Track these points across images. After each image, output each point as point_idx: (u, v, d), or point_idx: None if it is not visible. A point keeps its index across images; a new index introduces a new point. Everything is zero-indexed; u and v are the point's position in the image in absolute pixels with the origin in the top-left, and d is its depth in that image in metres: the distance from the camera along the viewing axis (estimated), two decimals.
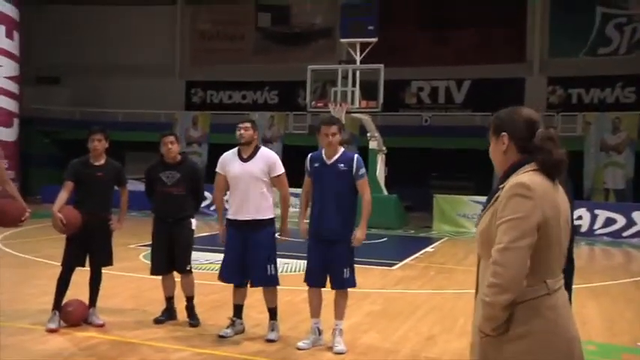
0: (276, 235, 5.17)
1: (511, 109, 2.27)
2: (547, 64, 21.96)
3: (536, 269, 2.04)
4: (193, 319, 5.46)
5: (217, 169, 5.28)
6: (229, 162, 5.19)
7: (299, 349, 4.84)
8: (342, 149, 4.96)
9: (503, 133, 2.21)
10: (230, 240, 5.13)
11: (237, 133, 5.15)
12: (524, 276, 2.01)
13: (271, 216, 5.13)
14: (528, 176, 2.09)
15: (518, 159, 2.18)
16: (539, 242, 2.03)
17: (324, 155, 4.95)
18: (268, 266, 5.04)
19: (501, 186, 2.14)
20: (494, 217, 2.10)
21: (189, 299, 5.54)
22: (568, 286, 2.24)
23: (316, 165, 4.95)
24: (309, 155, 5.09)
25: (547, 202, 2.06)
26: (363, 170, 4.90)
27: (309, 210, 5.04)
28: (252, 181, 5.04)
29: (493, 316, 2.03)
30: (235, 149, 5.25)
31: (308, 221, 5.01)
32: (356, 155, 4.95)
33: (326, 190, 4.85)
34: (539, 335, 2.03)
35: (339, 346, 4.81)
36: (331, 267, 4.87)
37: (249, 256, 5.03)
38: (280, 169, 5.15)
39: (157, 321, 5.44)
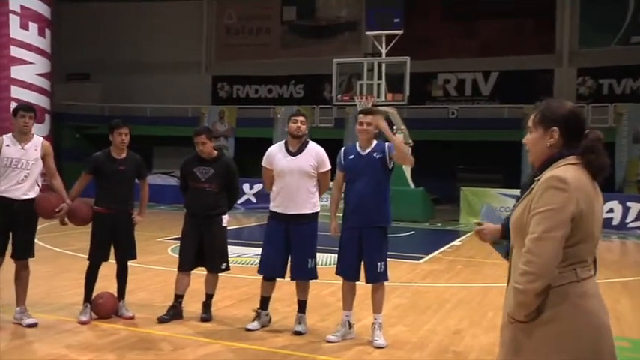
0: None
1: (561, 103, 2.23)
2: (576, 54, 21.57)
3: (567, 257, 2.08)
4: (207, 314, 5.41)
5: (264, 163, 5.24)
6: (276, 155, 5.15)
7: (328, 341, 4.84)
8: (375, 141, 4.94)
9: (554, 128, 2.17)
10: (272, 233, 5.13)
11: (294, 126, 5.07)
12: (555, 265, 2.05)
13: (316, 210, 5.12)
14: (564, 170, 2.11)
15: (558, 152, 2.17)
16: (572, 233, 2.06)
17: (358, 147, 4.95)
18: (309, 260, 5.06)
19: (537, 178, 2.16)
20: (527, 208, 2.13)
21: (210, 296, 5.50)
22: None
23: (351, 157, 4.94)
24: (343, 149, 5.08)
25: (582, 195, 2.08)
26: (394, 151, 4.91)
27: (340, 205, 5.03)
28: (300, 175, 5.02)
29: (525, 302, 2.08)
30: (281, 143, 5.23)
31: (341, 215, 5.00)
32: (387, 143, 4.97)
33: (363, 180, 4.83)
34: (566, 320, 2.07)
35: (379, 340, 4.80)
36: (366, 261, 4.87)
37: (292, 249, 5.04)
38: (328, 166, 5.13)
39: (161, 320, 5.25)
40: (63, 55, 23.50)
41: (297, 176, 5.02)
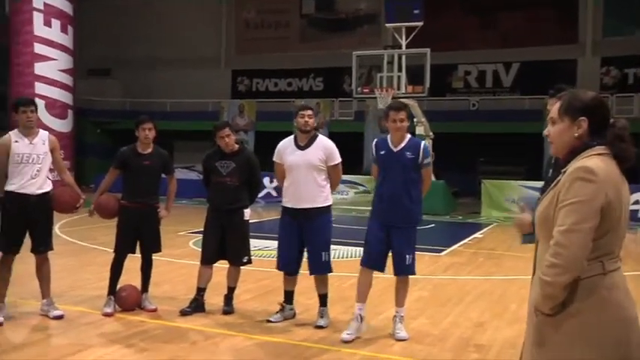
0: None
1: (586, 92, 2.18)
2: (600, 44, 21.23)
3: (594, 249, 2.04)
4: (229, 307, 5.44)
5: (275, 159, 5.25)
6: (286, 150, 5.15)
7: (344, 341, 4.71)
8: (408, 135, 4.87)
9: (583, 118, 2.12)
10: (285, 228, 5.14)
11: (302, 120, 5.06)
12: (585, 258, 2.01)
13: (328, 203, 5.11)
14: (592, 160, 2.06)
15: (584, 142, 2.13)
16: (600, 224, 2.02)
17: (390, 142, 4.87)
18: (323, 254, 5.05)
19: (563, 170, 2.12)
20: (553, 200, 2.10)
21: (232, 289, 5.53)
22: None
23: (382, 152, 4.87)
24: (375, 141, 5.02)
25: (610, 185, 2.04)
26: (429, 159, 4.85)
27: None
28: (309, 169, 5.00)
29: (553, 295, 2.04)
30: (291, 137, 5.21)
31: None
32: (423, 142, 4.90)
33: (393, 177, 4.78)
34: (593, 313, 2.03)
35: (401, 333, 4.78)
36: (394, 253, 4.83)
37: (306, 243, 5.05)
38: (338, 158, 5.11)
39: (184, 312, 5.28)
40: (84, 52, 23.74)
41: (306, 170, 5.00)
